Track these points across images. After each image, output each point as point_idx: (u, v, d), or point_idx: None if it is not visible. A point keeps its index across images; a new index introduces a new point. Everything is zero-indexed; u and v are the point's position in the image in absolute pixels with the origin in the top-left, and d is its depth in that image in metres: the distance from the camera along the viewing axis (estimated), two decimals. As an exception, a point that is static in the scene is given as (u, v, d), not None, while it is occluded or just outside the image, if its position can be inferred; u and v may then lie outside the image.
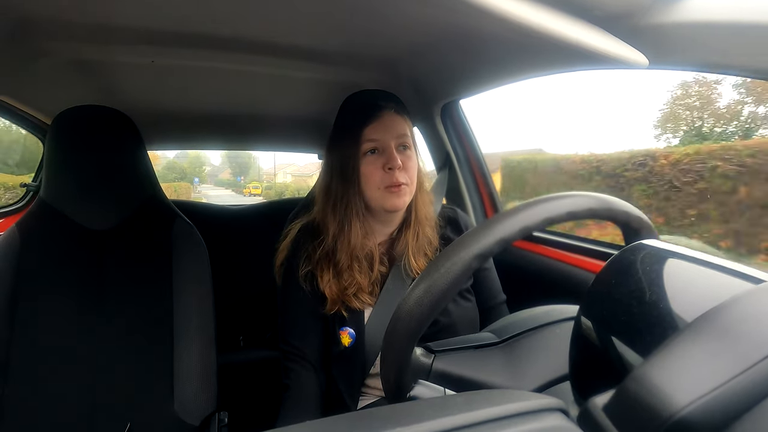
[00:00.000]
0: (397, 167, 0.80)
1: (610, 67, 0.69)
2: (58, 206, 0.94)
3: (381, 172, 0.82)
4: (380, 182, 0.82)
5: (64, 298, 0.90)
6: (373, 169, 0.82)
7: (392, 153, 0.81)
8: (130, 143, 0.98)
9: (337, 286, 0.83)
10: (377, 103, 0.84)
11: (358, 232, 0.84)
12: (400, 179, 0.81)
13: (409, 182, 0.83)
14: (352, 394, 0.84)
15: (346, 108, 0.90)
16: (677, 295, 0.35)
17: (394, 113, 0.84)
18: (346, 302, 0.83)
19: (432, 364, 0.50)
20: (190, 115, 1.57)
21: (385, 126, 0.82)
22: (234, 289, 1.56)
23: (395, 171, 0.81)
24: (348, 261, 0.84)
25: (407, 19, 0.86)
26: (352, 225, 0.83)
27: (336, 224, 0.84)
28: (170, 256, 0.96)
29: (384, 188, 0.82)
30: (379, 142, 0.82)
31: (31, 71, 1.00)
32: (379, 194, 0.82)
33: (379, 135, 0.82)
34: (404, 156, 0.83)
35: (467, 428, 0.27)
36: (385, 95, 0.88)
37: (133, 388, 0.88)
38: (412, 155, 0.85)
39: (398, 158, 0.81)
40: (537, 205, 0.42)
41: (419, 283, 0.42)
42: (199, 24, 0.90)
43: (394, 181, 0.81)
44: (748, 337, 0.28)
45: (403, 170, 0.82)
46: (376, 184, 0.82)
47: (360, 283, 0.83)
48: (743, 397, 0.26)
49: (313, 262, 0.86)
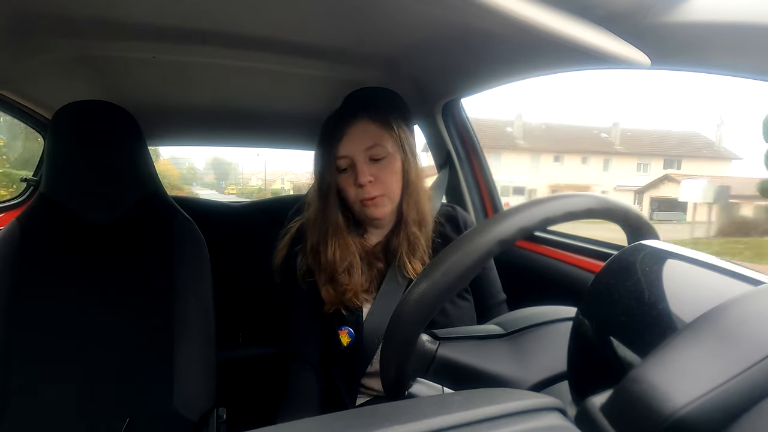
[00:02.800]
0: (367, 182, 0.81)
1: (612, 66, 0.69)
2: (59, 201, 0.94)
3: (354, 188, 0.83)
4: (355, 197, 0.83)
5: (65, 293, 0.90)
6: (347, 185, 0.84)
7: (361, 168, 0.81)
8: (131, 138, 0.98)
9: (334, 290, 0.83)
10: (350, 113, 0.84)
11: (335, 250, 0.84)
12: (373, 192, 0.82)
13: (385, 192, 0.83)
14: (350, 393, 0.84)
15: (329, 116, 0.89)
16: (676, 295, 0.35)
17: (366, 121, 0.83)
18: (345, 303, 0.83)
19: (437, 350, 0.50)
20: (190, 111, 1.57)
21: (354, 140, 0.82)
22: (234, 285, 1.56)
23: (366, 186, 0.81)
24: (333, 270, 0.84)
25: (409, 16, 0.86)
26: (328, 243, 0.84)
27: (315, 237, 0.85)
28: (171, 251, 0.96)
29: (360, 202, 0.83)
30: (347, 159, 0.83)
31: (32, 66, 1.00)
32: (358, 207, 0.84)
33: (347, 150, 0.82)
34: (377, 167, 0.83)
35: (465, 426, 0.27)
36: (362, 103, 0.88)
37: (132, 383, 0.88)
38: (387, 164, 0.84)
39: (367, 173, 0.81)
40: (536, 206, 0.42)
41: (421, 280, 0.42)
42: (201, 20, 0.89)
43: (365, 195, 0.82)
44: (747, 339, 0.28)
45: (377, 182, 0.82)
46: (352, 199, 0.84)
47: (354, 288, 0.83)
48: (741, 398, 0.26)
49: (309, 262, 0.86)
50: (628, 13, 0.58)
